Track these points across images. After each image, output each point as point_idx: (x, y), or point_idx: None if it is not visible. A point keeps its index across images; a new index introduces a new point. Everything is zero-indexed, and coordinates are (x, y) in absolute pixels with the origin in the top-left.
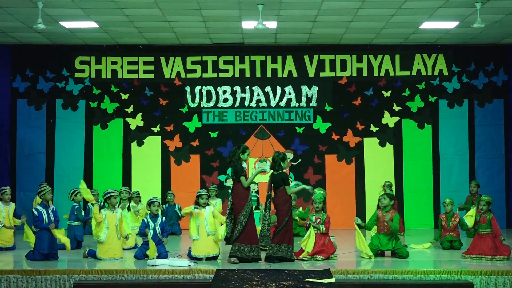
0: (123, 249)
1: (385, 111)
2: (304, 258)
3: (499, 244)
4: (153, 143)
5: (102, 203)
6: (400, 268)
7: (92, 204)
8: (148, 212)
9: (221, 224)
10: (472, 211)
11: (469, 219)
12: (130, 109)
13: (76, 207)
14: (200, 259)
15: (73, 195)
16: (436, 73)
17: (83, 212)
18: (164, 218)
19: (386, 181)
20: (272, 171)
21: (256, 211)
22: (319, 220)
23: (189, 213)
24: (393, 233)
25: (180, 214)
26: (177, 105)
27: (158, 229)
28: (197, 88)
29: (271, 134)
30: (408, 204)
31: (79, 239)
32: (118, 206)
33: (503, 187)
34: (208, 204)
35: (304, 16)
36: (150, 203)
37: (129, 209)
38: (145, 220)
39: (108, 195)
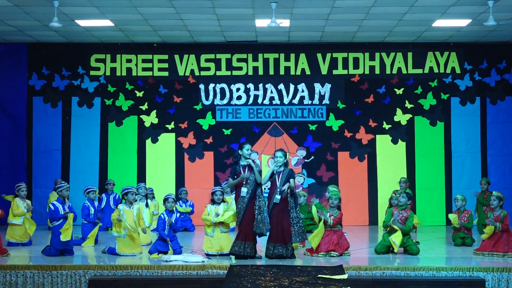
0: None
1: (397, 108)
2: (319, 255)
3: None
4: (167, 140)
5: (118, 197)
6: (412, 265)
7: None
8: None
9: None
10: (489, 228)
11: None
12: (144, 107)
13: (85, 205)
14: (211, 255)
15: (86, 192)
16: (448, 70)
17: (92, 210)
18: (178, 214)
19: (402, 178)
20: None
21: None
22: (332, 216)
23: (209, 218)
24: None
25: (187, 212)
26: (191, 103)
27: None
28: (211, 85)
29: (284, 131)
30: (420, 201)
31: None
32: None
33: None
34: (223, 201)
35: (317, 14)
36: (164, 200)
37: (147, 205)
38: (162, 216)
39: (126, 191)
